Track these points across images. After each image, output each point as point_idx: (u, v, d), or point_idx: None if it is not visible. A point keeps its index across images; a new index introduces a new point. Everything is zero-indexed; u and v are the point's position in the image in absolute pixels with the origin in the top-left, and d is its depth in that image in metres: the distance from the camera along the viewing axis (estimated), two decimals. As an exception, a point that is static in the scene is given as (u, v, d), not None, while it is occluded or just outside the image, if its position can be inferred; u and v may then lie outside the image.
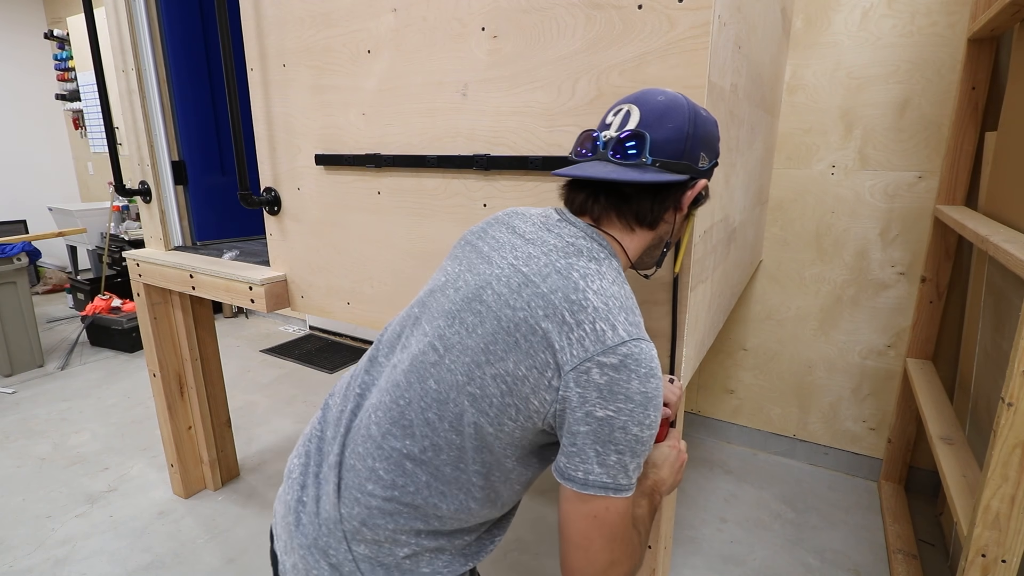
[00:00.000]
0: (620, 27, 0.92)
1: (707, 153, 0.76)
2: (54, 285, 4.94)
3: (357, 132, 1.28)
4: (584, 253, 0.72)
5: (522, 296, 0.68)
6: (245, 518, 2.01)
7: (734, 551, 1.88)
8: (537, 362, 0.65)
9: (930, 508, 2.06)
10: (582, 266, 0.70)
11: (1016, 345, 0.99)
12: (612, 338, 0.64)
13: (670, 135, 0.72)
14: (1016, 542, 1.06)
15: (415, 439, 0.71)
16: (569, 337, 0.64)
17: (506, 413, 0.68)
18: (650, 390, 0.64)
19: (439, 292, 0.77)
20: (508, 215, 0.82)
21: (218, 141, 1.97)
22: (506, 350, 0.67)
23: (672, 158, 0.72)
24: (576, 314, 0.65)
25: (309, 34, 1.29)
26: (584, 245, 0.73)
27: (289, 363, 3.46)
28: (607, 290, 0.68)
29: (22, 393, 2.99)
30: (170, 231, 1.89)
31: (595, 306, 0.66)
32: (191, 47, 1.84)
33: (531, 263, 0.71)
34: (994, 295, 1.52)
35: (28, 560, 1.80)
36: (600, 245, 0.74)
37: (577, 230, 0.75)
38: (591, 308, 0.66)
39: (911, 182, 1.99)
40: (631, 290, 0.73)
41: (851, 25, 1.96)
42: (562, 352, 0.64)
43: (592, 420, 0.63)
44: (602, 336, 0.64)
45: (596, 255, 0.72)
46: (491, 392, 0.67)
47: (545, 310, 0.66)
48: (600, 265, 0.71)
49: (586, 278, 0.68)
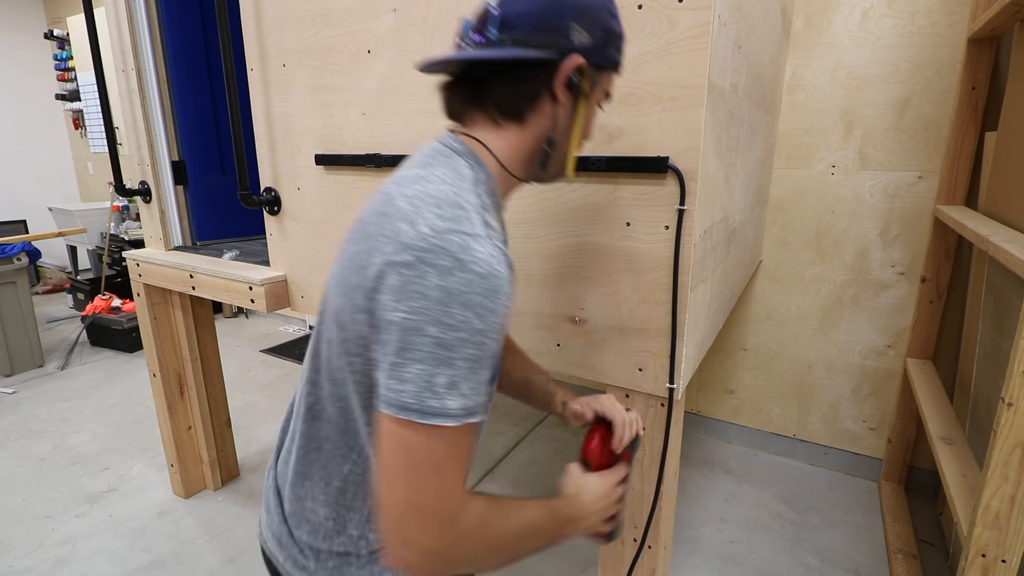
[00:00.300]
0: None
1: (583, 25, 0.62)
2: (54, 285, 4.94)
3: (357, 132, 1.28)
4: (417, 164, 0.63)
5: (354, 234, 0.61)
6: (245, 518, 2.01)
7: (734, 551, 1.88)
8: (355, 291, 0.58)
9: (930, 508, 2.06)
10: (403, 176, 0.62)
11: (1016, 345, 0.99)
12: (408, 235, 0.54)
13: (526, 7, 0.61)
14: (1016, 542, 1.06)
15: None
16: (371, 252, 0.56)
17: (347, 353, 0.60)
18: (452, 284, 0.52)
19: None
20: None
21: (218, 141, 1.97)
22: (340, 295, 0.60)
23: (530, 32, 0.61)
24: (380, 225, 0.57)
25: (309, 34, 1.29)
26: (427, 157, 0.63)
27: (289, 363, 3.46)
28: (423, 191, 0.58)
29: (22, 393, 2.99)
30: (170, 231, 1.89)
31: (399, 210, 0.57)
32: (191, 47, 1.84)
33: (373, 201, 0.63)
34: (994, 295, 1.52)
35: (28, 560, 1.80)
36: (447, 148, 0.64)
37: (432, 142, 0.66)
38: (394, 214, 0.57)
39: (911, 182, 1.99)
40: (484, 190, 0.63)
41: (851, 25, 1.96)
42: (368, 268, 0.56)
43: (388, 327, 0.54)
44: (397, 236, 0.55)
45: (430, 161, 0.62)
46: (337, 335, 0.61)
47: (360, 234, 0.59)
48: (430, 169, 0.61)
49: (400, 186, 0.60)
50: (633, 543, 1.15)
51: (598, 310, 1.05)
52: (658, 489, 1.09)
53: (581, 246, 1.04)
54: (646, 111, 0.93)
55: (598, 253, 1.03)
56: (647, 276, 0.99)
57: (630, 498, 1.12)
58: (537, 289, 1.11)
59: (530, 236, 1.09)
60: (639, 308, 1.01)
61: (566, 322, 1.10)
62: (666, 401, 1.04)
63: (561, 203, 1.04)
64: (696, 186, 0.91)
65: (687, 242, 0.94)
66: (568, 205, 1.04)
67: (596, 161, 0.98)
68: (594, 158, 0.98)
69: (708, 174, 0.97)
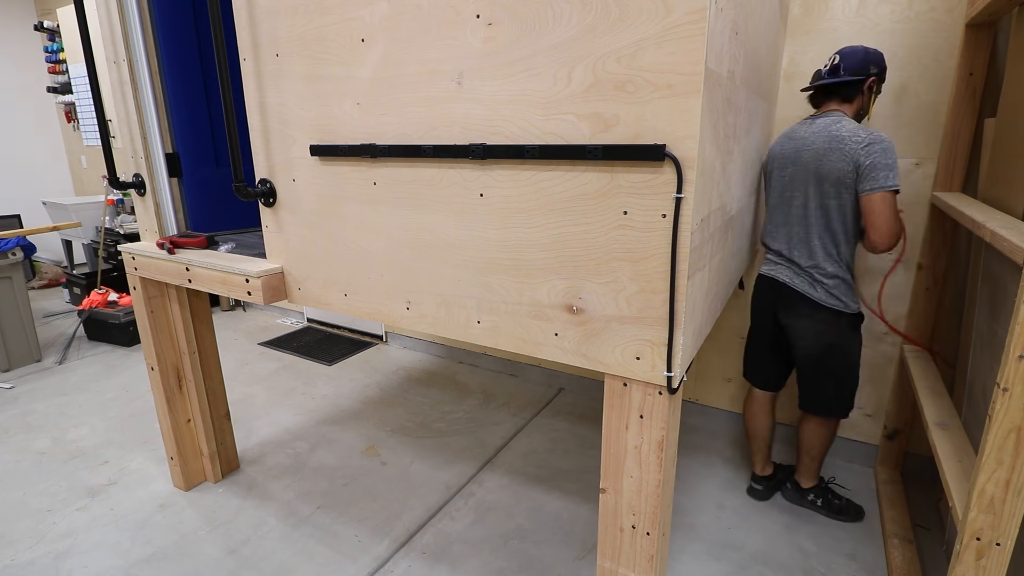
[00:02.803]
0: (616, 13, 0.91)
1: (874, 67, 1.68)
2: (50, 280, 4.92)
3: (352, 122, 1.27)
4: (829, 124, 1.68)
5: (810, 150, 1.71)
6: (245, 510, 2.02)
7: (731, 536, 1.90)
8: (840, 163, 1.63)
9: (928, 494, 2.08)
10: (832, 123, 1.68)
11: (1011, 331, 0.99)
12: (862, 136, 1.59)
13: (851, 61, 1.68)
14: (1011, 526, 1.07)
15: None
16: (843, 148, 1.61)
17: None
18: (886, 146, 1.57)
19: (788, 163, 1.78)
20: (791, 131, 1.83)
21: (212, 132, 1.95)
22: (820, 173, 1.68)
23: (855, 69, 1.67)
24: (841, 140, 1.62)
25: (302, 23, 1.28)
26: (831, 121, 1.68)
27: (287, 355, 3.46)
28: (851, 126, 1.64)
29: (20, 388, 2.99)
30: (165, 224, 1.88)
31: (849, 133, 1.62)
32: (183, 37, 1.82)
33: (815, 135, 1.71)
34: (990, 282, 1.53)
35: (30, 553, 1.81)
36: (837, 116, 1.69)
37: (822, 119, 1.72)
38: (847, 136, 1.62)
39: (908, 169, 1.98)
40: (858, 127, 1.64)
41: (849, 11, 1.95)
42: (845, 153, 1.61)
43: (866, 163, 1.59)
44: (857, 138, 1.59)
45: (836, 121, 1.67)
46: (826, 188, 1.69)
47: (821, 149, 1.67)
48: (840, 124, 1.66)
49: (830, 129, 1.67)
50: (632, 530, 1.16)
51: (596, 299, 1.05)
52: (656, 477, 1.10)
53: (578, 235, 1.04)
54: (643, 98, 0.92)
55: (595, 242, 1.02)
56: (644, 264, 0.99)
57: (628, 485, 1.13)
58: (534, 278, 1.11)
59: (527, 225, 1.09)
60: (636, 297, 1.01)
61: (564, 311, 1.10)
62: (664, 389, 1.04)
63: (558, 192, 1.04)
64: (693, 174, 0.91)
65: (684, 230, 0.94)
66: (565, 194, 1.03)
67: (593, 149, 0.97)
68: (591, 146, 0.97)
69: (705, 162, 0.97)
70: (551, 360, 1.16)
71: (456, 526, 1.95)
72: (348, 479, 2.21)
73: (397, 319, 1.34)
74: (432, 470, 2.27)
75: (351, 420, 2.67)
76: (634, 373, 1.05)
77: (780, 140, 1.83)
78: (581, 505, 2.06)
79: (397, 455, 2.37)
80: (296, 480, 2.20)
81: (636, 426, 1.10)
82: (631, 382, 1.07)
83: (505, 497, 2.10)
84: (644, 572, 1.17)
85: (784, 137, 1.81)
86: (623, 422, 1.11)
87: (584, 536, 1.90)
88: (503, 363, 3.20)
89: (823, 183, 1.67)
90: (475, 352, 3.29)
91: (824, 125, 1.68)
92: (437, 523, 1.96)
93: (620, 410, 1.11)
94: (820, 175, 1.67)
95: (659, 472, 1.09)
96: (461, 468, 2.28)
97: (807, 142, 1.70)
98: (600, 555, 1.22)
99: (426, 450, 2.41)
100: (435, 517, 1.99)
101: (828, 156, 1.64)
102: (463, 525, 1.95)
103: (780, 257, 1.83)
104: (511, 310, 1.16)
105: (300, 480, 2.20)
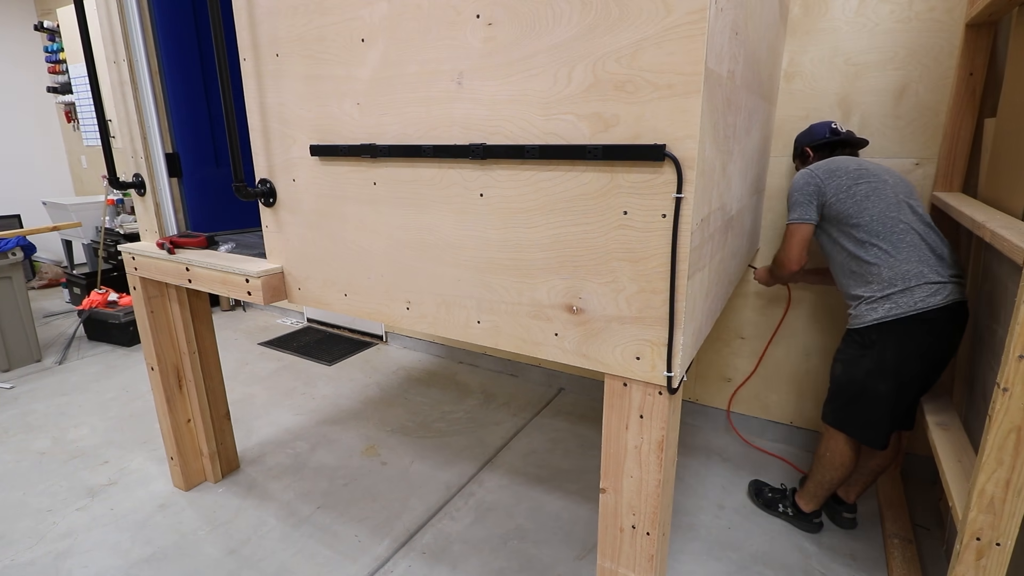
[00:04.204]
0: (616, 13, 0.91)
1: (806, 141, 1.92)
2: (50, 280, 4.92)
3: (352, 122, 1.27)
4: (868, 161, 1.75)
5: (883, 176, 1.66)
6: (245, 510, 2.02)
7: (731, 537, 1.90)
8: (906, 191, 1.65)
9: (929, 495, 2.08)
10: (870, 163, 1.71)
11: (1011, 330, 0.99)
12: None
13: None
14: (1011, 526, 1.07)
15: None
16: (899, 178, 1.68)
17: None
18: (794, 183, 1.75)
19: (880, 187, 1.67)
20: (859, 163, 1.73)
21: (212, 132, 1.95)
22: (903, 194, 1.65)
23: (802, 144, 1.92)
24: (893, 174, 1.68)
25: (302, 23, 1.28)
26: (863, 161, 1.74)
27: (287, 355, 3.46)
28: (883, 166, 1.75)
29: (20, 388, 2.99)
30: (165, 224, 1.88)
31: (889, 169, 1.71)
32: (183, 37, 1.82)
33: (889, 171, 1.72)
34: (990, 281, 1.53)
35: (30, 553, 1.81)
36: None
37: (859, 158, 1.79)
38: (892, 170, 1.71)
39: (908, 168, 1.98)
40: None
41: (849, 11, 1.95)
42: (907, 183, 1.67)
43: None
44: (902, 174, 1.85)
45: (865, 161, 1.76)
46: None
47: (886, 176, 1.66)
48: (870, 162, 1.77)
49: (878, 166, 1.70)
50: (632, 530, 1.16)
51: (596, 299, 1.05)
52: (656, 477, 1.10)
53: (578, 235, 1.04)
54: (643, 98, 0.92)
55: (595, 242, 1.02)
56: (644, 264, 0.99)
57: (628, 485, 1.13)
58: (535, 278, 1.11)
59: (527, 225, 1.09)
60: (636, 297, 1.01)
61: (564, 311, 1.10)
62: (664, 389, 1.04)
63: (558, 192, 1.04)
64: (693, 174, 0.91)
65: (684, 230, 0.94)
66: (565, 194, 1.03)
67: (593, 149, 0.97)
68: (591, 146, 0.97)
69: (705, 162, 0.97)
70: (551, 360, 1.16)
71: (456, 526, 1.95)
72: (348, 479, 2.21)
73: (397, 319, 1.34)
74: (432, 470, 2.27)
75: (351, 420, 2.67)
76: (634, 373, 1.05)
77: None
78: (581, 505, 2.06)
79: (397, 455, 2.37)
80: (296, 480, 2.20)
81: (636, 426, 1.10)
82: (631, 382, 1.07)
83: (505, 497, 2.10)
84: (644, 572, 1.17)
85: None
86: (623, 422, 1.11)
87: (584, 536, 1.90)
88: (503, 363, 3.20)
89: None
90: (475, 352, 3.29)
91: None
92: (437, 523, 1.96)
93: (620, 410, 1.11)
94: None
95: (659, 472, 1.09)
96: (461, 468, 2.28)
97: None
98: (600, 555, 1.22)
99: (426, 450, 2.41)
100: (435, 517, 1.99)
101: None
102: (463, 525, 1.95)
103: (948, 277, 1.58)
104: (511, 310, 1.16)
105: (300, 480, 2.20)
